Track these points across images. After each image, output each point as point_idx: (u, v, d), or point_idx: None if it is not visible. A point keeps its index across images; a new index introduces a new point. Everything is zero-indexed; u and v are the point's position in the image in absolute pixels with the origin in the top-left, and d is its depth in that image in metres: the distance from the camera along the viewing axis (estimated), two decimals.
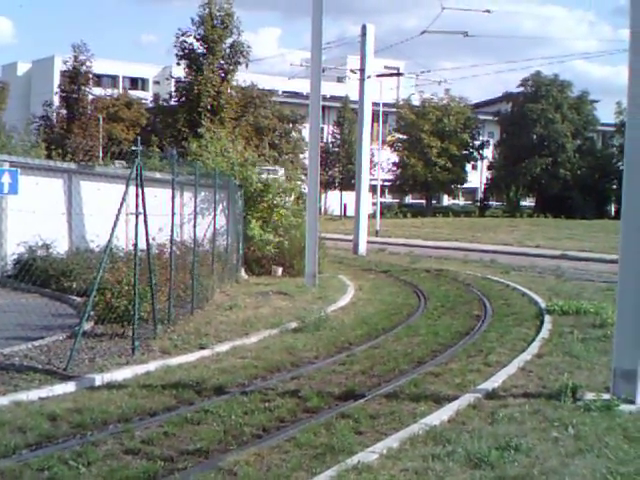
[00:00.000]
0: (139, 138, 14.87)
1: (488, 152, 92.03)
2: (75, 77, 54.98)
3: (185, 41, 51.30)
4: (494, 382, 11.49)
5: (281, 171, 33.57)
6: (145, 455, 8.48)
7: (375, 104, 51.34)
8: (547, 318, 17.49)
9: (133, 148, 14.10)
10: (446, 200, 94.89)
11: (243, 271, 25.79)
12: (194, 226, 18.21)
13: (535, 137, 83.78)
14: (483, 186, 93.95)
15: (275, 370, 12.91)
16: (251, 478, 7.68)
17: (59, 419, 9.57)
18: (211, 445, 8.85)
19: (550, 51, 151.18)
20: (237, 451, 8.60)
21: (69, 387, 11.06)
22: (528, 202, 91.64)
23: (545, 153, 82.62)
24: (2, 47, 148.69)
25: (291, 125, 67.74)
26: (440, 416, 9.65)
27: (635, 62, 10.73)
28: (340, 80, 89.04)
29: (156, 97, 67.55)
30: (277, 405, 10.52)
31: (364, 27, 42.57)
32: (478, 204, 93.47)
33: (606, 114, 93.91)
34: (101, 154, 46.61)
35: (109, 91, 68.83)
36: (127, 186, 13.44)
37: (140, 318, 13.81)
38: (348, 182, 73.37)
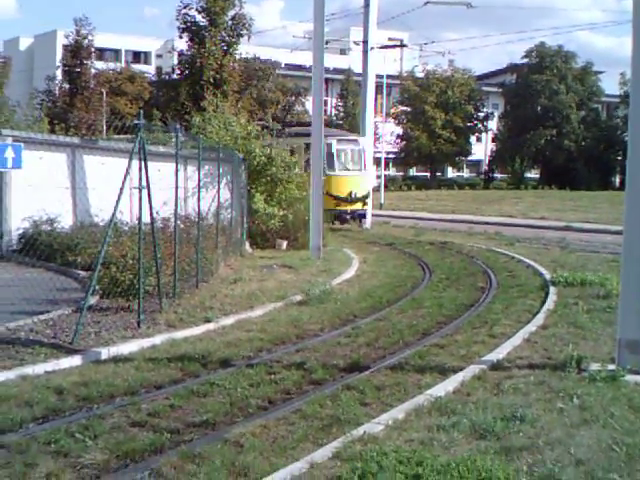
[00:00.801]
0: (142, 112, 14.84)
1: (492, 124, 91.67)
2: (77, 51, 54.86)
3: (187, 14, 51.02)
4: (499, 353, 11.50)
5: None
6: (151, 427, 8.53)
7: (378, 76, 51.11)
8: (552, 289, 17.49)
9: (136, 122, 14.05)
10: (450, 172, 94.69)
11: (248, 245, 25.81)
12: (198, 200, 18.19)
13: (539, 108, 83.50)
14: (487, 158, 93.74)
15: (280, 343, 12.95)
16: (257, 449, 7.72)
17: (65, 392, 9.61)
18: (217, 417, 8.90)
19: (554, 22, 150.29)
20: (243, 423, 8.64)
21: (75, 361, 11.11)
22: (533, 174, 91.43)
23: (549, 124, 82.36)
24: (5, 22, 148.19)
25: (294, 98, 67.53)
26: (445, 387, 9.67)
27: (639, 32, 10.65)
28: (343, 52, 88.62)
29: (159, 71, 67.30)
30: (282, 377, 10.55)
31: None
32: (482, 176, 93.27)
33: (610, 85, 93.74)
34: (104, 128, 46.51)
35: (112, 65, 68.51)
36: (130, 160, 13.42)
37: (145, 292, 13.84)
38: None
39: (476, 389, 9.65)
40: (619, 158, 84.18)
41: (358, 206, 37.28)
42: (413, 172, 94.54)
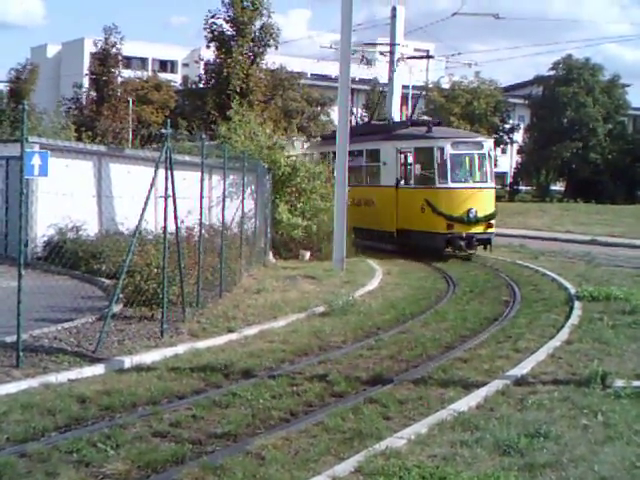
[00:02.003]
0: (169, 121, 14.90)
1: (518, 136, 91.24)
2: (105, 59, 55.16)
3: (215, 23, 51.20)
4: (523, 368, 11.43)
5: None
6: (173, 438, 8.55)
7: (405, 87, 51.07)
8: (577, 304, 17.36)
9: (162, 131, 14.12)
10: None
11: (271, 255, 25.81)
12: (222, 209, 18.22)
13: (566, 121, 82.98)
14: (512, 170, 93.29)
15: (303, 354, 12.93)
16: (279, 462, 7.70)
17: (88, 401, 9.65)
18: (239, 428, 8.89)
19: (582, 34, 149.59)
20: (265, 435, 8.63)
21: (98, 369, 11.14)
22: (558, 186, 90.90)
23: (576, 137, 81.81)
24: (33, 29, 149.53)
25: (320, 108, 67.51)
26: (468, 402, 9.62)
27: None
28: (369, 63, 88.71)
29: (185, 80, 67.63)
30: (305, 389, 10.53)
31: (394, 9, 42.28)
32: (507, 188, 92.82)
33: (638, 98, 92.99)
34: (131, 137, 46.74)
35: (138, 73, 68.88)
36: (157, 169, 13.47)
37: (169, 301, 13.87)
38: None
39: (500, 404, 9.59)
40: None
41: (479, 228, 28.42)
42: None
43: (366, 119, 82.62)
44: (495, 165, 30.11)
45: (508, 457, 7.72)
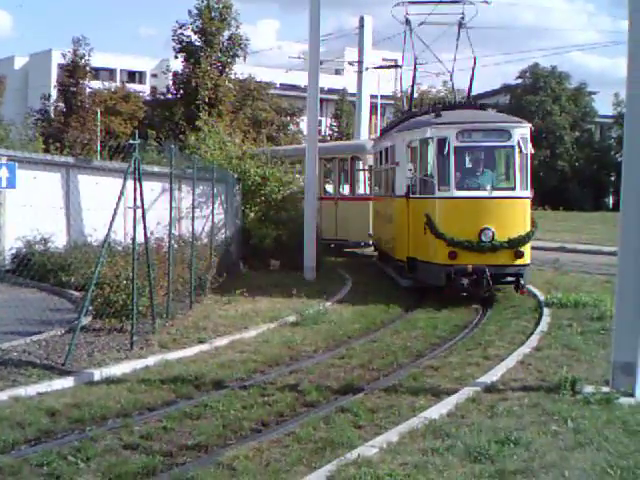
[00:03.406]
0: (137, 132, 14.84)
1: None
2: (73, 71, 54.85)
3: (183, 34, 51.17)
4: (493, 375, 11.48)
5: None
6: (144, 450, 8.51)
7: (373, 96, 51.26)
8: (546, 311, 17.47)
9: (131, 142, 14.06)
10: None
11: (242, 265, 25.75)
12: (192, 220, 18.16)
13: (533, 129, 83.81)
14: None
15: (274, 364, 12.91)
16: (250, 473, 7.69)
17: (58, 414, 9.58)
18: (210, 440, 8.87)
19: (549, 43, 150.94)
20: (236, 446, 8.62)
21: (68, 382, 11.05)
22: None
23: (543, 145, 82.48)
24: (1, 40, 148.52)
25: (289, 118, 67.61)
26: (439, 410, 9.64)
27: (634, 50, 10.62)
28: (338, 72, 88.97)
29: (154, 90, 67.51)
30: (276, 399, 10.53)
31: (362, 19, 42.51)
32: None
33: (604, 106, 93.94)
34: (99, 148, 46.50)
35: (107, 84, 68.58)
36: (125, 180, 13.41)
37: (138, 312, 13.78)
38: None
39: (470, 412, 9.63)
40: (612, 179, 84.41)
41: (499, 258, 18.99)
42: None
43: (335, 128, 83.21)
44: (531, 163, 20.52)
45: (479, 464, 7.74)
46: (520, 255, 19.00)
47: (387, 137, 25.61)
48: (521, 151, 19.46)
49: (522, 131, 19.87)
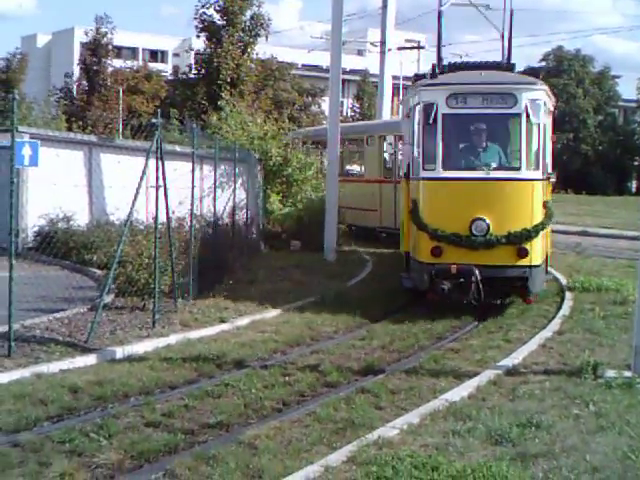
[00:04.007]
0: (159, 111, 14.86)
1: None
2: (96, 49, 54.94)
3: (205, 13, 50.99)
4: (514, 359, 11.45)
5: None
6: (166, 428, 8.56)
7: (395, 78, 51.02)
8: (568, 295, 17.39)
9: (153, 121, 14.09)
10: None
11: (263, 245, 25.78)
12: (214, 199, 18.18)
13: (556, 112, 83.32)
14: None
15: (295, 344, 12.95)
16: (271, 452, 7.71)
17: (80, 391, 9.64)
18: (231, 418, 8.91)
19: (573, 26, 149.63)
20: (257, 425, 8.66)
21: (90, 359, 11.14)
22: (553, 178, 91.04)
23: (566, 128, 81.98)
24: (25, 19, 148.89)
25: (310, 98, 67.50)
26: (460, 392, 9.64)
27: None
28: (360, 53, 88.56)
29: (175, 70, 67.34)
30: (297, 379, 10.55)
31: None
32: None
33: (628, 90, 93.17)
34: (121, 127, 46.60)
35: (129, 63, 68.65)
36: (147, 159, 13.45)
37: (160, 291, 13.84)
38: None
39: (491, 394, 9.61)
40: (635, 163, 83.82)
41: (494, 257, 15.21)
42: None
43: (357, 109, 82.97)
44: (551, 134, 18.04)
45: (500, 447, 7.73)
46: (523, 253, 15.01)
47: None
48: (530, 119, 15.24)
49: (533, 94, 15.55)
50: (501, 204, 15.24)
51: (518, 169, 15.41)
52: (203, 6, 50.88)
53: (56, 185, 19.91)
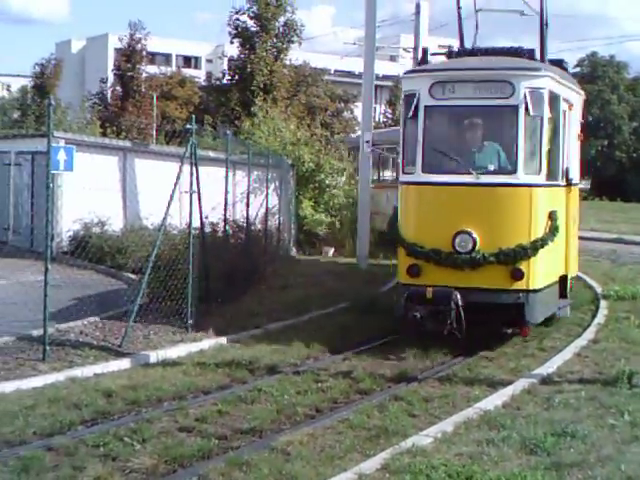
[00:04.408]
0: (194, 117, 14.93)
1: None
2: (130, 55, 55.36)
3: (238, 19, 51.24)
4: (549, 367, 11.35)
5: None
6: (199, 433, 8.58)
7: None
8: (603, 303, 17.20)
9: (187, 126, 14.18)
10: None
11: (295, 251, 25.81)
12: (247, 205, 18.23)
13: (591, 118, 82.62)
14: None
15: (327, 351, 12.89)
16: (304, 458, 7.70)
17: (114, 395, 9.70)
18: (264, 424, 8.90)
19: (607, 32, 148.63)
20: (290, 431, 8.65)
21: (124, 364, 11.21)
22: (583, 184, 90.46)
23: (601, 135, 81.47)
24: (58, 24, 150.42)
25: (343, 104, 67.45)
26: (494, 401, 9.57)
27: None
28: (393, 59, 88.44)
29: (209, 76, 67.69)
30: (330, 386, 10.53)
31: (418, 5, 41.92)
32: None
33: None
34: (154, 132, 46.89)
35: (162, 69, 69.09)
36: (182, 164, 13.52)
37: (194, 296, 13.89)
38: None
39: (526, 403, 9.54)
40: None
41: (489, 279, 12.63)
42: None
43: (390, 115, 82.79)
44: (579, 133, 15.97)
45: (535, 456, 7.67)
46: (518, 275, 12.50)
47: None
48: (529, 113, 12.66)
49: (534, 82, 12.92)
50: (492, 215, 12.70)
51: (513, 172, 12.73)
52: (237, 12, 51.15)
53: (91, 190, 20.03)
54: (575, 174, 15.34)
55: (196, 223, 14.20)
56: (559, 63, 15.38)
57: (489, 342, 13.13)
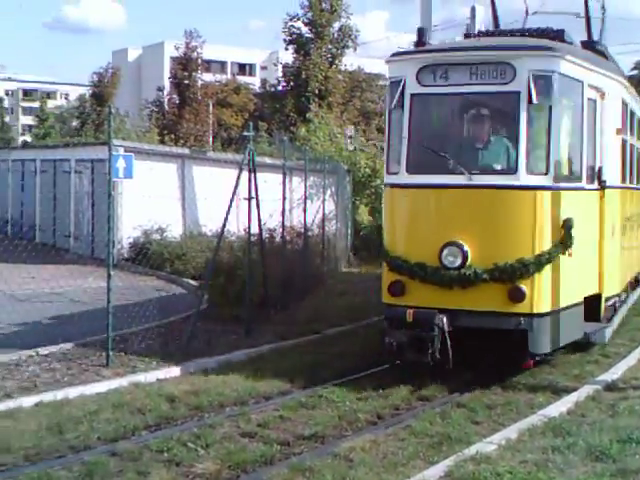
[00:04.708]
0: (251, 124, 15.03)
1: None
2: (186, 63, 55.94)
3: (293, 26, 51.44)
4: (613, 374, 11.15)
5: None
6: (261, 438, 8.59)
7: None
8: None
9: (245, 133, 14.27)
10: None
11: (352, 257, 25.79)
12: (304, 211, 18.28)
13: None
14: None
15: None
16: (367, 465, 7.66)
17: (177, 401, 9.77)
18: (326, 430, 8.88)
19: None
20: (352, 437, 8.61)
21: (186, 369, 11.30)
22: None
23: None
24: (114, 33, 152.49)
25: None
26: (559, 408, 9.43)
27: None
28: None
29: (264, 82, 68.08)
30: (391, 392, 10.46)
31: (473, 9, 41.76)
32: None
33: None
34: (211, 139, 47.28)
35: (218, 77, 69.71)
36: (240, 171, 13.61)
37: (253, 302, 13.95)
38: None
39: (591, 410, 9.39)
40: None
41: (482, 300, 10.52)
42: None
43: None
44: (620, 127, 13.29)
45: (601, 463, 7.54)
46: (518, 296, 10.42)
47: None
48: (531, 101, 10.49)
49: (540, 63, 10.72)
50: (487, 223, 10.63)
51: (513, 172, 10.63)
52: (291, 19, 51.35)
53: (150, 197, 20.27)
54: (613, 175, 12.78)
55: (254, 229, 14.25)
56: (590, 45, 13.57)
57: None
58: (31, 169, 30.54)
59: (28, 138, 79.99)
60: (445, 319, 10.35)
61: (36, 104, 79.12)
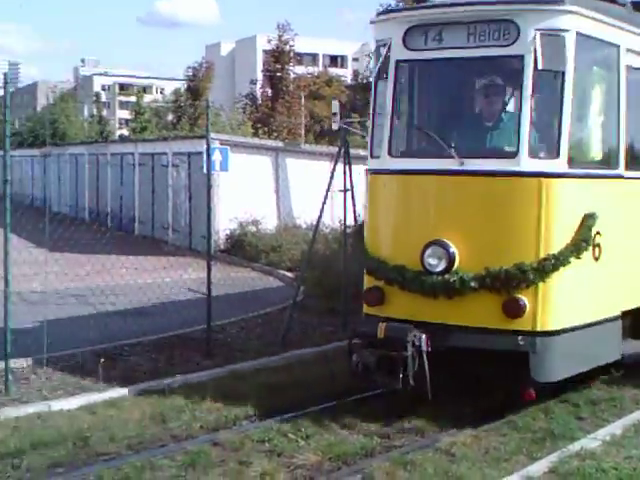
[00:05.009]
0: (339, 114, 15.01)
1: None
2: (279, 56, 56.25)
3: None
4: None
5: None
6: (362, 430, 8.54)
7: None
8: None
9: (339, 126, 14.24)
10: None
11: None
12: None
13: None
14: None
15: None
16: (469, 459, 7.58)
17: (276, 391, 9.78)
18: (427, 424, 8.78)
19: None
20: (453, 432, 8.51)
21: (283, 360, 11.35)
22: None
23: None
24: (207, 27, 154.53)
25: None
26: None
27: None
28: None
29: (356, 74, 68.05)
30: (494, 387, 10.30)
31: None
32: None
33: None
34: (303, 132, 47.46)
35: (310, 69, 69.92)
36: (335, 163, 13.59)
37: (348, 295, 13.92)
38: None
39: None
40: None
41: (472, 314, 8.49)
42: None
43: None
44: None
45: None
46: (514, 310, 8.41)
47: None
48: (538, 66, 8.37)
49: (548, 20, 8.51)
50: (479, 218, 8.66)
51: (514, 155, 8.49)
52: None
53: (245, 189, 20.50)
54: None
55: (350, 221, 14.22)
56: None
57: None
58: (129, 162, 31.10)
59: (125, 132, 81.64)
60: (424, 336, 8.43)
61: (132, 98, 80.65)
